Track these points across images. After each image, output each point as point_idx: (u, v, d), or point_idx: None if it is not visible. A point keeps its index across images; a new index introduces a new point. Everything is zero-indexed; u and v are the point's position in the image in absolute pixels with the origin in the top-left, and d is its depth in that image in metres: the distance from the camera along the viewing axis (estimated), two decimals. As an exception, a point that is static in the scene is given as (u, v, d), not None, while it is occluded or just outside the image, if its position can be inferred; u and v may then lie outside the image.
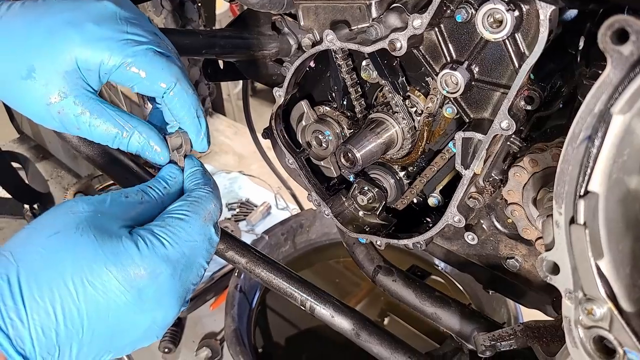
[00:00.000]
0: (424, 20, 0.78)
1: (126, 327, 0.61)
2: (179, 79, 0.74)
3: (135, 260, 0.60)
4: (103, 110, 0.72)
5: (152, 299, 0.62)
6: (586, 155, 0.47)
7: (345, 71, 1.00)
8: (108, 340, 0.61)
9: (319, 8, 0.97)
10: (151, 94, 0.76)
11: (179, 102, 0.75)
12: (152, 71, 0.72)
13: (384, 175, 1.10)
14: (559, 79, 0.82)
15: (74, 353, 0.58)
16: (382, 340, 1.08)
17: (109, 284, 0.59)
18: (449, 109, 0.90)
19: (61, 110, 0.70)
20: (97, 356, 0.61)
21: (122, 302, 0.60)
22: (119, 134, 0.73)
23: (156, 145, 0.75)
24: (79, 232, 0.60)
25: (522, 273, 1.00)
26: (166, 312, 0.64)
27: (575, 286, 0.50)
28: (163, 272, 0.62)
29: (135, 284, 0.60)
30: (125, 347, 0.64)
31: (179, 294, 0.65)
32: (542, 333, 0.91)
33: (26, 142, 3.25)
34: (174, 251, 0.64)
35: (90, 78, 0.72)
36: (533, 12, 0.71)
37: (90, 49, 0.69)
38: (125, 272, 0.59)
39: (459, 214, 0.90)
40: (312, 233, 2.28)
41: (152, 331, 0.64)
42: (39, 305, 0.55)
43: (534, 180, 0.82)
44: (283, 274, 1.14)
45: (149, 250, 0.62)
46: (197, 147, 0.80)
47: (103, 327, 0.59)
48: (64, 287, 0.57)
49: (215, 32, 1.13)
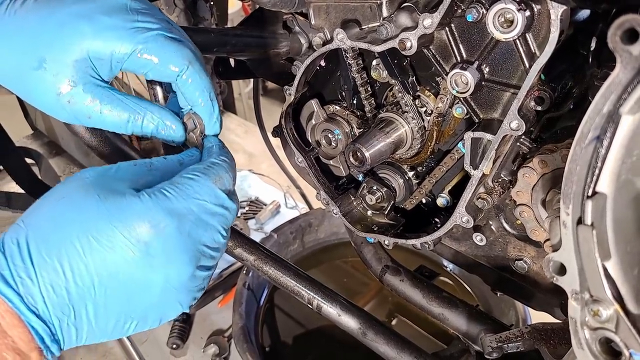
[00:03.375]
0: (434, 19, 0.78)
1: (139, 287, 0.60)
2: (191, 62, 0.75)
3: (138, 213, 0.59)
4: (113, 97, 0.73)
5: (161, 254, 0.60)
6: (594, 156, 0.47)
7: (355, 70, 1.00)
8: (124, 301, 0.60)
9: (330, 7, 0.98)
10: (165, 79, 0.76)
11: (193, 85, 0.76)
12: (164, 56, 0.73)
13: (392, 174, 1.10)
14: (570, 79, 0.81)
15: (91, 314, 0.58)
16: (389, 340, 1.08)
17: (114, 239, 0.58)
18: (459, 109, 0.90)
19: (71, 99, 0.71)
20: (118, 321, 0.61)
21: (130, 258, 0.59)
22: (131, 118, 0.74)
23: (171, 123, 0.77)
24: (83, 194, 0.60)
25: (531, 275, 0.99)
26: (178, 269, 0.62)
27: (582, 287, 0.50)
28: (168, 225, 0.60)
29: (141, 237, 0.59)
30: (148, 314, 0.63)
31: (191, 252, 0.63)
32: (550, 335, 0.90)
33: (40, 138, 3.28)
34: (179, 204, 0.62)
35: (101, 68, 0.72)
36: (544, 12, 0.71)
37: (101, 39, 0.70)
38: (130, 226, 0.59)
39: (468, 215, 0.90)
40: (321, 232, 2.28)
41: (169, 293, 0.62)
42: (46, 263, 0.56)
43: (543, 182, 0.82)
44: (291, 272, 1.14)
45: (152, 202, 0.60)
46: (209, 130, 0.81)
47: (115, 285, 0.58)
48: (70, 245, 0.57)
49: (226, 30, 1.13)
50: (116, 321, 0.61)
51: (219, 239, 0.67)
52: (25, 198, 2.49)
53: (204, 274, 0.66)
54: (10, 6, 0.71)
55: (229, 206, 0.68)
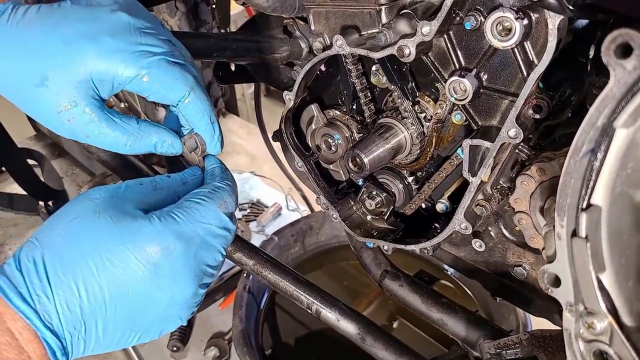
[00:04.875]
0: (432, 27, 0.78)
1: (146, 304, 0.63)
2: (193, 88, 0.76)
3: (149, 236, 0.63)
4: (111, 120, 0.75)
5: (168, 274, 0.64)
6: (589, 168, 0.47)
7: (355, 76, 1.00)
8: (131, 317, 0.63)
9: (329, 13, 0.98)
10: (166, 102, 0.77)
11: (194, 110, 0.78)
12: (167, 81, 0.74)
13: (392, 180, 1.10)
14: (569, 87, 0.81)
15: (100, 330, 0.61)
16: (388, 345, 1.08)
17: (126, 260, 0.61)
18: (458, 115, 0.90)
19: (71, 118, 0.72)
20: (123, 335, 0.64)
21: (140, 278, 0.62)
22: (129, 141, 0.75)
23: (171, 141, 0.79)
24: (96, 216, 0.63)
25: (530, 281, 0.99)
26: (182, 289, 0.66)
27: (576, 299, 0.50)
28: (177, 248, 0.64)
29: (150, 259, 0.62)
30: (150, 328, 0.66)
31: (194, 273, 0.67)
32: (548, 343, 0.90)
33: (42, 139, 3.29)
34: (187, 228, 0.66)
35: (102, 88, 0.73)
36: (542, 20, 0.71)
37: (105, 61, 0.71)
38: (141, 248, 0.62)
39: (466, 221, 0.90)
40: (322, 235, 2.28)
41: (172, 309, 0.66)
42: (62, 282, 0.58)
43: (542, 189, 0.82)
44: (290, 276, 1.14)
45: (162, 226, 0.64)
46: (210, 149, 0.83)
47: (124, 303, 0.62)
48: (84, 265, 0.60)
49: (227, 35, 1.13)
50: (122, 335, 0.64)
51: (219, 258, 0.71)
52: (27, 199, 2.50)
53: (203, 291, 0.70)
54: (11, 17, 0.71)
55: (231, 228, 0.72)
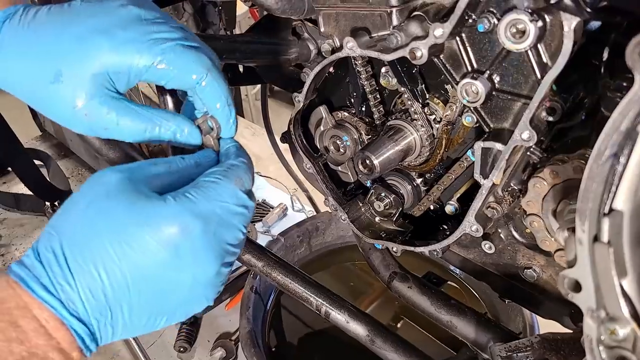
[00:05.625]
0: (445, 29, 0.78)
1: (170, 286, 0.63)
2: (210, 69, 0.75)
3: (166, 218, 0.61)
4: (129, 108, 0.74)
5: (189, 255, 0.62)
6: (611, 173, 0.47)
7: (364, 78, 1.00)
8: (156, 300, 0.63)
9: (339, 15, 0.97)
10: (184, 87, 0.77)
11: (211, 92, 0.77)
12: (183, 65, 0.73)
13: (401, 181, 1.10)
14: (582, 90, 0.81)
15: (126, 315, 0.61)
16: (397, 347, 1.08)
17: (144, 243, 0.60)
18: (469, 117, 0.90)
19: (88, 112, 0.72)
20: (150, 319, 0.64)
21: (160, 260, 0.61)
22: (148, 128, 0.75)
23: (188, 130, 0.78)
24: (110, 199, 0.61)
25: (540, 283, 0.99)
26: (205, 268, 0.65)
27: (598, 305, 0.50)
28: (195, 228, 0.62)
29: (169, 240, 0.61)
30: (177, 310, 0.66)
31: (215, 251, 0.65)
32: (560, 346, 0.90)
33: (48, 139, 3.29)
34: (204, 207, 0.64)
35: (118, 81, 0.73)
36: (557, 23, 0.70)
37: (119, 53, 0.70)
38: (159, 230, 0.61)
39: (477, 224, 0.89)
40: (328, 236, 2.27)
41: (197, 290, 0.65)
42: (83, 269, 0.58)
43: (554, 192, 0.81)
44: (299, 278, 1.14)
45: (178, 206, 0.62)
46: (225, 133, 0.82)
47: (148, 287, 0.61)
48: (103, 250, 0.59)
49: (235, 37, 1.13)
50: (148, 318, 0.64)
51: (239, 236, 0.70)
52: (33, 199, 2.51)
53: (226, 270, 0.69)
54: (22, 18, 0.72)
55: (249, 205, 0.71)
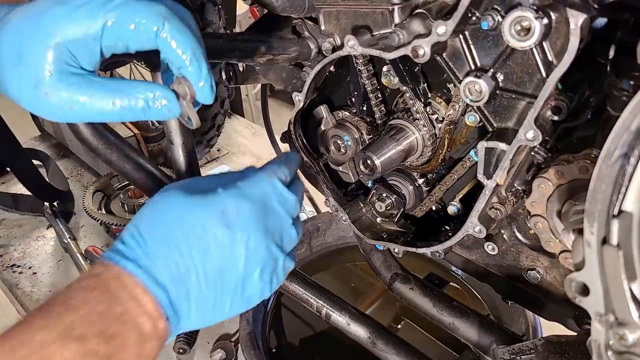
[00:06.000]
0: (448, 27, 0.76)
1: (227, 261, 0.71)
2: (167, 18, 0.70)
3: (220, 201, 0.72)
4: (92, 81, 0.70)
5: (240, 230, 0.72)
6: (621, 173, 0.45)
7: (365, 77, 0.99)
8: (219, 274, 0.71)
9: (340, 13, 0.96)
10: (147, 45, 0.72)
11: (174, 43, 0.71)
12: (137, 19, 0.69)
13: (402, 182, 1.09)
14: (588, 88, 0.79)
15: (196, 286, 0.69)
16: (399, 350, 1.06)
17: (204, 223, 0.70)
18: (472, 117, 0.88)
19: (48, 91, 0.68)
20: (216, 296, 0.71)
21: (219, 237, 0.70)
22: (116, 101, 0.70)
23: (158, 91, 0.72)
24: (173, 197, 0.72)
25: (544, 285, 0.98)
26: (254, 243, 0.73)
27: (607, 309, 0.48)
28: (244, 207, 0.73)
29: (223, 219, 0.71)
30: (237, 288, 0.73)
31: (262, 228, 0.74)
32: (565, 349, 0.88)
33: (47, 140, 3.27)
34: (249, 191, 0.75)
35: (79, 53, 0.69)
36: (563, 20, 0.69)
37: (73, 19, 0.67)
38: (215, 211, 0.71)
39: (480, 225, 0.88)
40: (329, 236, 2.25)
41: (250, 267, 0.73)
42: (158, 248, 0.68)
43: (559, 193, 0.80)
44: (299, 279, 1.13)
45: (228, 192, 0.73)
46: (200, 96, 0.76)
47: (209, 260, 0.70)
48: (171, 232, 0.69)
49: (235, 35, 1.12)
50: (214, 296, 0.71)
51: (284, 219, 0.78)
52: (32, 200, 2.49)
53: (277, 251, 0.77)
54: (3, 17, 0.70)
55: (286, 196, 0.79)
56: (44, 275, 2.35)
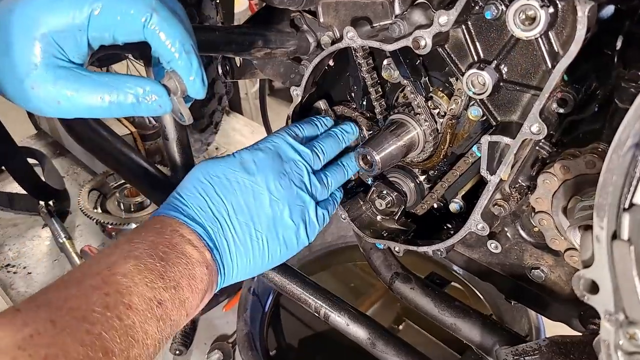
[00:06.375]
0: (450, 17, 0.74)
1: (253, 200, 0.82)
2: (155, 9, 0.68)
3: (239, 154, 0.86)
4: (79, 75, 0.68)
5: (258, 172, 0.84)
6: (633, 165, 0.43)
7: (365, 70, 0.96)
8: (248, 213, 0.82)
9: (339, 4, 0.94)
10: (134, 37, 0.70)
11: (162, 35, 0.69)
12: (124, 9, 0.67)
13: (403, 178, 1.06)
14: (594, 80, 0.77)
15: (229, 223, 0.80)
16: (399, 351, 1.04)
17: (225, 171, 0.83)
18: (475, 110, 0.86)
19: (35, 84, 0.66)
20: (251, 233, 0.81)
21: (241, 180, 0.82)
22: (104, 95, 0.68)
23: (149, 86, 0.70)
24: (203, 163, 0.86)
25: (548, 284, 0.95)
26: (273, 183, 0.84)
27: (617, 308, 0.46)
28: (258, 155, 0.86)
29: (242, 167, 0.84)
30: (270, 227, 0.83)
31: (280, 171, 0.86)
32: (570, 349, 0.86)
33: (44, 138, 3.25)
34: (261, 145, 0.89)
35: (66, 44, 0.67)
36: (569, 8, 0.66)
37: (58, 8, 0.65)
38: (235, 162, 0.84)
39: (483, 222, 0.86)
40: (328, 236, 2.23)
41: (276, 207, 0.84)
42: (193, 196, 0.80)
43: (565, 188, 0.77)
44: (297, 279, 1.10)
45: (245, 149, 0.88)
46: (191, 90, 0.74)
47: (237, 200, 0.81)
48: (202, 183, 0.81)
49: (232, 28, 1.09)
50: (250, 233, 0.81)
51: (303, 167, 0.89)
52: (27, 199, 2.47)
53: (302, 193, 0.87)
54: None
55: (298, 147, 0.90)
56: (39, 276, 2.32)
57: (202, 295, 0.74)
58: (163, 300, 0.66)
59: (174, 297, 0.67)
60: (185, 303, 0.70)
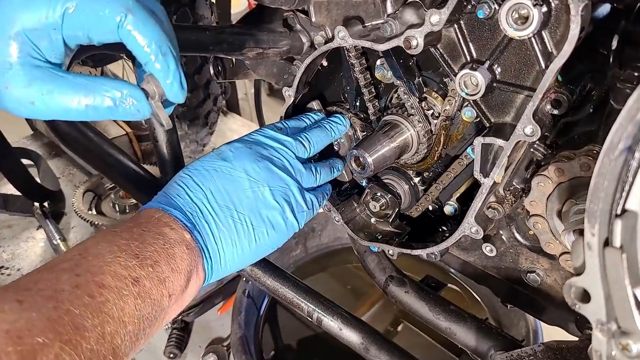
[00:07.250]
0: (442, 16, 0.72)
1: (233, 183, 0.83)
2: (130, 9, 0.66)
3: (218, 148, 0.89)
4: (55, 76, 0.66)
5: (236, 159, 0.86)
6: (625, 169, 0.41)
7: (358, 70, 0.95)
8: (225, 194, 0.82)
9: (331, 3, 0.92)
10: (112, 37, 0.68)
11: (137, 36, 0.67)
12: (98, 8, 0.65)
13: (397, 180, 1.05)
14: (589, 81, 0.75)
15: (209, 207, 0.80)
16: (392, 355, 1.02)
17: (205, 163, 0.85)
18: (468, 112, 0.84)
19: (9, 84, 0.64)
20: (233, 216, 0.81)
21: (218, 166, 0.84)
22: (81, 98, 0.66)
23: (126, 90, 0.68)
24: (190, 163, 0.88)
25: (544, 288, 0.94)
26: (250, 164, 0.86)
27: (609, 317, 0.44)
28: (235, 144, 0.89)
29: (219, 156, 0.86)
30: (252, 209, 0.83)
31: (257, 155, 0.87)
32: (565, 355, 0.84)
33: (39, 139, 3.23)
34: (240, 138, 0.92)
35: (41, 43, 0.65)
36: (563, 7, 0.65)
37: (32, 6, 0.63)
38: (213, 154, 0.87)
39: (477, 225, 0.84)
40: (324, 237, 2.22)
41: (256, 187, 0.85)
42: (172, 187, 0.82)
43: (560, 191, 0.76)
44: (289, 282, 1.08)
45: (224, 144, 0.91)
46: (169, 94, 0.72)
47: (216, 186, 0.83)
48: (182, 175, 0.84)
49: (223, 28, 1.08)
50: (231, 216, 0.81)
51: (283, 152, 0.91)
52: (22, 200, 2.45)
53: (282, 174, 0.88)
54: None
55: (277, 135, 0.93)
56: (34, 277, 2.30)
57: (187, 277, 0.73)
58: (139, 277, 0.65)
59: (151, 275, 0.67)
60: (165, 282, 0.69)
